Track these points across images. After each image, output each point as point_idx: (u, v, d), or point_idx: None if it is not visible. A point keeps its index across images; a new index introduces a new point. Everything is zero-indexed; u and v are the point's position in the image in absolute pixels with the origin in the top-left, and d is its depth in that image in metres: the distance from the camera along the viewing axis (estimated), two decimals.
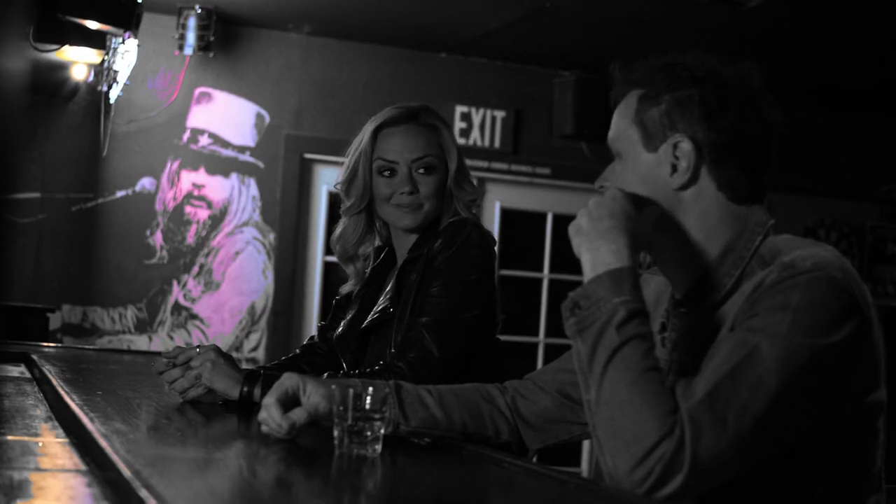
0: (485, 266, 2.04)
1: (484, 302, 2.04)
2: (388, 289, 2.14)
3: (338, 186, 2.22)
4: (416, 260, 2.09)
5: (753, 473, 1.32)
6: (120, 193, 5.04)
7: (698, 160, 1.42)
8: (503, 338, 2.18)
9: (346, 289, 2.29)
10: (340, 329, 2.23)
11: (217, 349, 1.89)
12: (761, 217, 1.45)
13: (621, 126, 1.49)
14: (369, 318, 2.14)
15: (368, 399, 1.34)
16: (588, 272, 1.37)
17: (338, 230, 2.24)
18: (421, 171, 2.11)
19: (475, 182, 2.20)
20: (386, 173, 2.12)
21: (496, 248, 2.10)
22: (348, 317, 2.23)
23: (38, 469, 1.27)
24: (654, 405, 1.23)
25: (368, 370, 1.97)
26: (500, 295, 2.12)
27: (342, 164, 2.21)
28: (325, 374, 1.95)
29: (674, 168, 1.43)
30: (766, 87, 1.47)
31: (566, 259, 5.86)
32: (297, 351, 2.34)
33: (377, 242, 2.26)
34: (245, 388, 1.83)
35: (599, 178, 1.54)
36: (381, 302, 2.14)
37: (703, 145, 1.42)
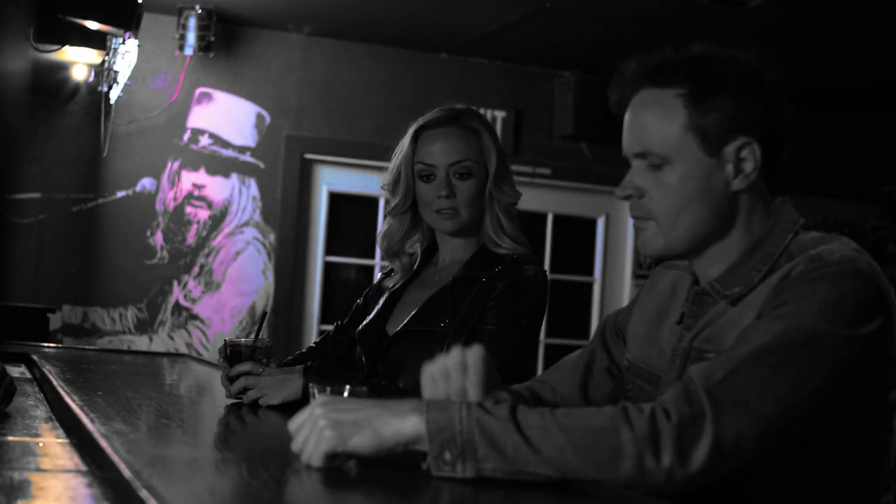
0: (537, 310, 2.08)
1: (528, 347, 2.08)
2: (435, 301, 2.12)
3: (384, 188, 2.23)
4: (471, 282, 2.09)
5: (767, 465, 1.33)
6: (120, 194, 5.05)
7: (761, 160, 1.41)
8: None
9: (389, 282, 2.28)
10: (365, 322, 2.22)
11: (267, 370, 1.93)
12: (793, 215, 1.46)
13: (668, 132, 1.40)
14: (405, 322, 2.12)
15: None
16: (391, 439, 1.22)
17: (383, 228, 2.25)
18: (458, 175, 2.11)
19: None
20: (425, 177, 2.13)
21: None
22: (374, 311, 2.22)
23: (38, 469, 1.27)
24: (600, 428, 1.21)
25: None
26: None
27: (343, 164, 2.24)
28: (372, 381, 1.98)
29: (738, 170, 1.41)
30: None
31: (566, 259, 5.87)
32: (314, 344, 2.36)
33: (423, 241, 2.26)
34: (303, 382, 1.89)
35: (626, 187, 1.45)
36: (427, 313, 2.11)
37: (763, 143, 1.41)
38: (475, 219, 2.14)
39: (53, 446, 1.45)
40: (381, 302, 2.23)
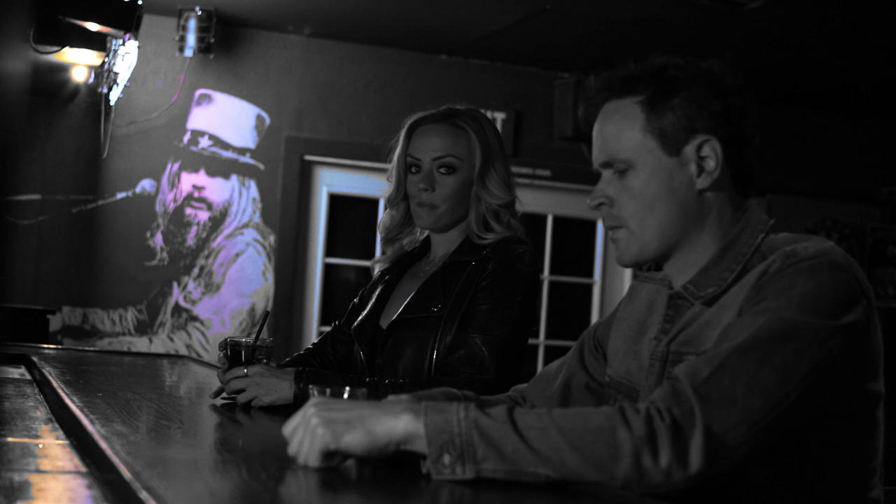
0: (531, 285, 2.08)
1: (524, 323, 2.08)
2: (427, 288, 2.13)
3: (388, 179, 2.26)
4: (460, 266, 2.10)
5: (759, 463, 1.33)
6: (120, 195, 5.05)
7: (723, 157, 1.43)
8: None
9: (378, 264, 2.32)
10: (360, 318, 2.23)
11: (259, 369, 1.92)
12: (762, 216, 1.48)
13: (629, 137, 1.44)
14: (399, 312, 2.13)
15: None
16: (385, 438, 1.22)
17: (383, 217, 2.29)
18: (442, 170, 2.13)
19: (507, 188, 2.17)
20: (413, 170, 2.17)
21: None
22: (368, 307, 2.24)
23: (38, 471, 1.27)
24: (597, 428, 1.21)
25: (415, 381, 1.98)
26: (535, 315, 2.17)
27: (343, 165, 2.25)
28: (367, 380, 1.97)
29: (700, 169, 1.44)
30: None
31: (566, 261, 5.87)
32: (312, 346, 2.36)
33: (421, 233, 2.29)
34: (297, 388, 1.89)
35: (596, 196, 1.48)
36: (419, 300, 2.12)
37: (725, 141, 1.43)
38: (457, 217, 2.15)
39: (53, 447, 1.45)
40: (373, 297, 2.24)
